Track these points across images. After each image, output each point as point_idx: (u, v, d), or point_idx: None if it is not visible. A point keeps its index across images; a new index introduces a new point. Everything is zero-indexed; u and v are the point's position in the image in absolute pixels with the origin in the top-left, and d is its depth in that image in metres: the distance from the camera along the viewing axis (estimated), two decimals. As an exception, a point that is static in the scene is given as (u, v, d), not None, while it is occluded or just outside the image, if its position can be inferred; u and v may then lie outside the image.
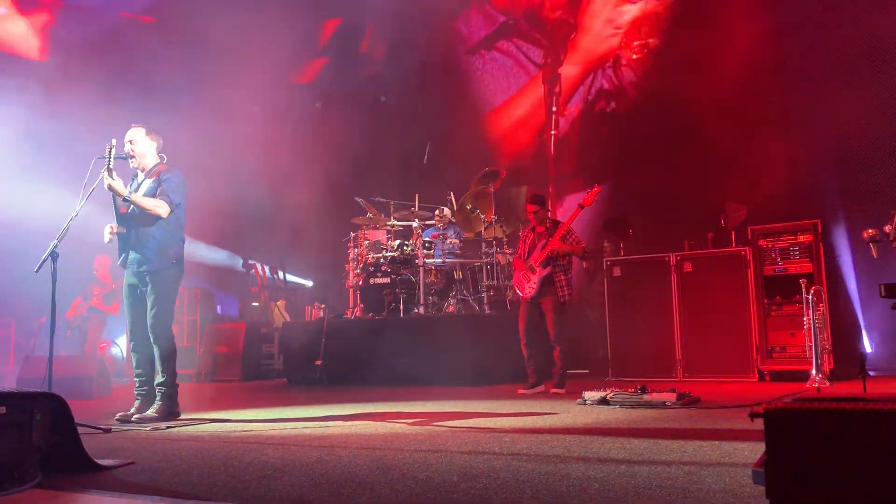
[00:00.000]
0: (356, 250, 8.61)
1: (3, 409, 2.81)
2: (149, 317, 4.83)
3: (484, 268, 7.90)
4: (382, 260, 8.20)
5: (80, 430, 3.21)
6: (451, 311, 7.83)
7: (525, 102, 10.24)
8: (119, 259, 4.95)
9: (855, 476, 1.72)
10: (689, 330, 6.97)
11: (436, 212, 8.44)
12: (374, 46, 11.72)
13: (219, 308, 10.76)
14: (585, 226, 8.48)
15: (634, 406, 4.78)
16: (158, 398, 4.80)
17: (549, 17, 10.08)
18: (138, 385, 4.93)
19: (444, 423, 4.27)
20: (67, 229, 4.49)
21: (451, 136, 10.37)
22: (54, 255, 4.36)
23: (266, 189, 9.72)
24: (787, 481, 1.78)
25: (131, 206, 4.83)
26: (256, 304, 11.23)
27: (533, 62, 10.25)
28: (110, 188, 4.70)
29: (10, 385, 7.14)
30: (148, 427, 4.48)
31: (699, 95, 8.39)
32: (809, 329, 5.63)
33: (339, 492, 2.52)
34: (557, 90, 9.89)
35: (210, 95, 9.71)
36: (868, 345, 7.22)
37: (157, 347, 4.83)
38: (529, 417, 4.53)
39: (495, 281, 7.82)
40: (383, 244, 8.40)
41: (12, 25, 9.81)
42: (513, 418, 4.52)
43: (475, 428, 4.09)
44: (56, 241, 4.39)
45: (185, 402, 5.11)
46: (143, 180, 4.98)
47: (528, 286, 6.31)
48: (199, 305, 9.90)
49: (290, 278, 11.86)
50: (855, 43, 7.56)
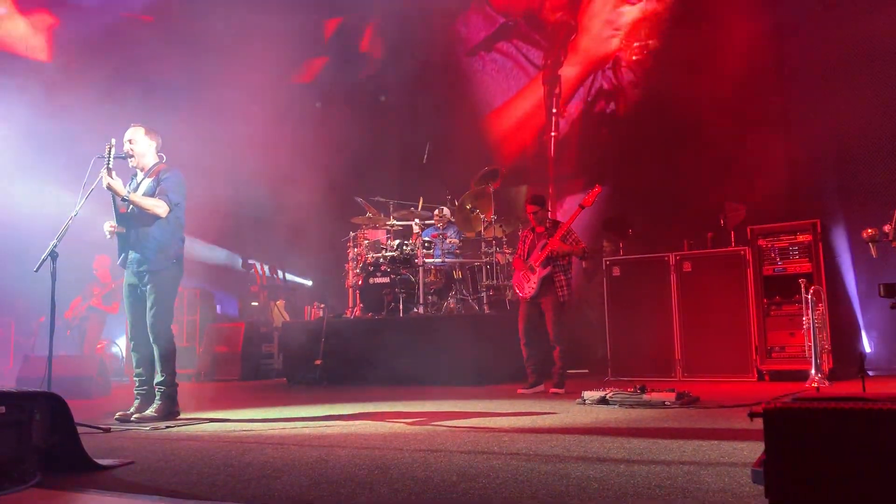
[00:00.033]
0: (356, 250, 8.61)
1: (3, 409, 2.81)
2: (148, 316, 4.84)
3: (483, 267, 7.90)
4: (382, 259, 8.20)
5: (80, 430, 3.21)
6: (451, 311, 7.83)
7: (525, 104, 10.23)
8: (119, 259, 4.95)
9: (854, 475, 1.72)
10: (689, 330, 6.97)
11: (435, 211, 8.44)
12: (374, 46, 11.71)
13: (218, 308, 10.76)
14: (585, 226, 8.48)
15: (634, 406, 4.79)
16: (158, 398, 4.81)
17: (549, 19, 10.08)
18: (138, 385, 4.93)
19: (444, 423, 4.27)
20: (67, 229, 4.49)
21: (451, 137, 10.37)
22: (54, 255, 4.36)
23: (266, 188, 9.72)
24: (787, 481, 1.79)
25: (131, 206, 4.83)
26: (256, 304, 11.23)
27: (532, 63, 10.24)
28: (109, 188, 4.70)
29: (10, 384, 7.12)
30: (147, 427, 4.49)
31: (699, 95, 8.39)
32: (809, 329, 5.64)
33: (339, 491, 2.52)
34: (557, 91, 9.89)
35: (210, 95, 9.71)
36: (867, 344, 7.23)
37: (157, 347, 4.83)
38: (529, 417, 4.54)
39: (495, 281, 7.82)
40: (383, 244, 8.40)
41: (15, 26, 9.80)
42: (512, 418, 4.52)
43: (474, 427, 4.09)
44: (56, 241, 4.39)
45: (185, 402, 5.11)
46: (143, 180, 4.98)
47: (528, 286, 6.31)
48: (199, 305, 9.90)
49: (290, 278, 11.86)
50: (855, 43, 7.56)
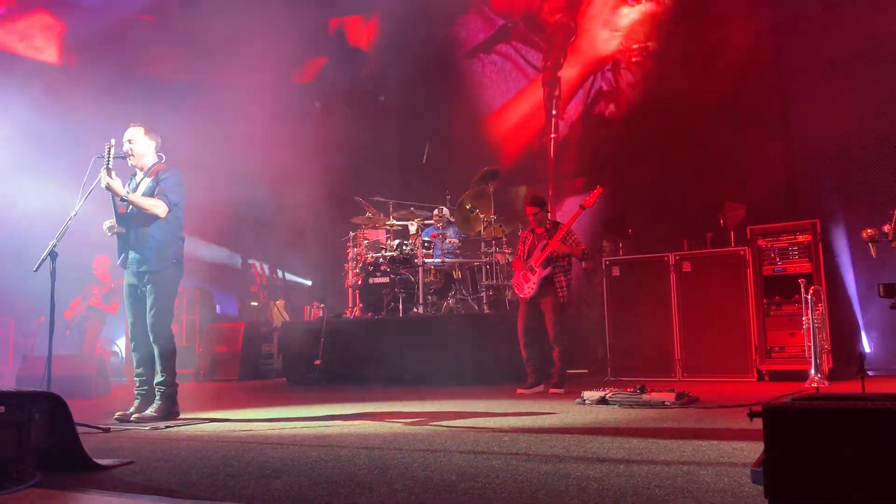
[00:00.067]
0: (355, 250, 8.61)
1: (2, 409, 2.80)
2: (148, 316, 4.83)
3: (483, 267, 7.90)
4: (382, 259, 8.20)
5: (79, 430, 3.21)
6: (451, 311, 7.82)
7: (524, 105, 10.22)
8: (119, 259, 4.95)
9: (854, 475, 1.72)
10: (688, 330, 6.97)
11: (434, 211, 8.44)
12: (374, 47, 11.71)
13: (218, 307, 10.76)
14: (585, 226, 8.48)
15: (633, 406, 4.78)
16: (158, 398, 4.80)
17: (549, 21, 10.07)
18: (138, 385, 4.93)
19: (444, 423, 4.27)
20: (67, 228, 4.48)
21: (451, 138, 10.38)
22: (53, 255, 4.35)
23: (265, 188, 9.72)
24: (786, 481, 1.79)
25: (130, 207, 4.83)
26: (255, 304, 11.23)
27: (532, 65, 10.23)
28: (108, 188, 4.69)
29: (9, 384, 7.13)
30: (147, 427, 4.48)
31: (698, 96, 8.40)
32: (808, 329, 5.64)
33: (339, 491, 2.52)
34: (557, 93, 9.88)
35: (210, 95, 9.71)
36: (867, 344, 7.23)
37: (157, 347, 4.83)
38: (528, 417, 4.54)
39: (494, 281, 7.81)
40: (382, 244, 8.40)
41: (16, 26, 9.79)
42: (512, 418, 4.52)
43: (474, 427, 4.09)
44: (55, 241, 4.38)
45: (184, 402, 5.11)
46: (142, 179, 4.98)
47: (528, 286, 6.31)
48: (199, 305, 9.89)
49: (290, 277, 11.86)
50: (854, 43, 7.56)
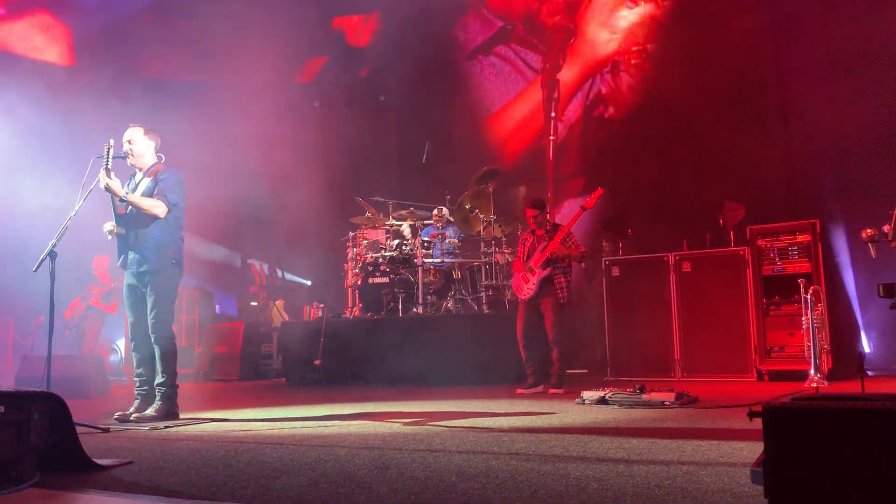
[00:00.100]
0: (355, 250, 8.61)
1: (2, 409, 2.80)
2: (149, 318, 4.83)
3: (483, 267, 7.90)
4: (381, 259, 8.20)
5: (79, 430, 3.21)
6: (449, 311, 7.82)
7: (523, 107, 10.21)
8: (119, 260, 4.94)
9: (853, 475, 1.72)
10: (688, 330, 6.98)
11: (434, 211, 8.43)
12: (374, 47, 11.71)
13: (217, 307, 10.76)
14: (585, 226, 8.49)
15: (633, 406, 4.78)
16: (158, 398, 4.80)
17: (547, 23, 10.05)
18: (138, 385, 4.93)
19: (443, 423, 4.27)
20: (66, 228, 4.48)
21: (451, 138, 10.37)
22: (53, 255, 4.35)
23: (265, 188, 9.72)
24: (786, 481, 1.78)
25: (129, 207, 4.82)
26: (255, 304, 11.23)
27: (531, 67, 10.22)
28: (107, 188, 4.69)
29: (9, 384, 7.13)
30: (146, 427, 4.48)
31: (697, 96, 8.41)
32: (808, 329, 5.64)
33: (338, 491, 2.52)
34: (556, 95, 9.86)
35: (209, 95, 9.71)
36: (866, 344, 7.23)
37: (158, 347, 4.82)
38: (528, 417, 4.54)
39: (494, 281, 7.81)
40: (382, 244, 8.40)
41: (16, 26, 9.78)
42: (511, 418, 4.52)
43: (474, 427, 4.09)
44: (55, 241, 4.38)
45: (184, 402, 5.10)
46: (141, 179, 4.97)
47: (527, 287, 6.32)
48: (198, 305, 9.89)
49: (289, 277, 11.86)
50: (854, 43, 7.57)
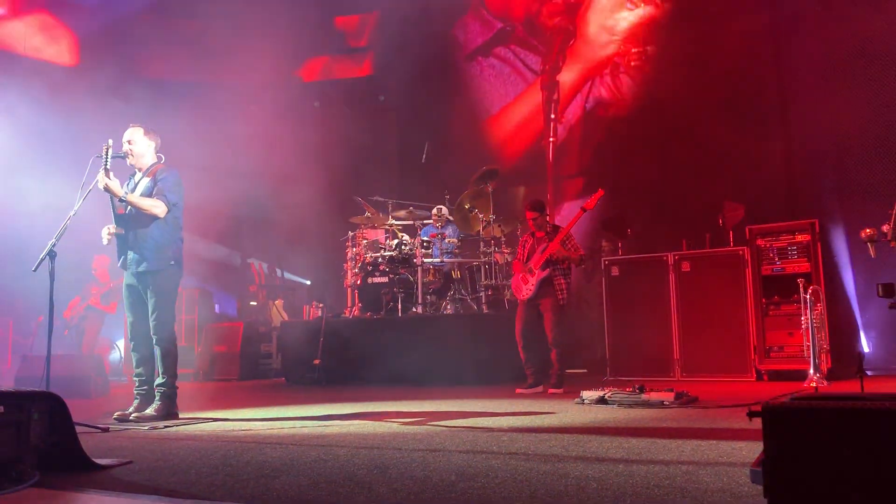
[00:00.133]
0: (354, 249, 8.61)
1: (1, 409, 2.80)
2: (151, 319, 4.82)
3: (482, 267, 7.90)
4: (381, 259, 8.20)
5: (78, 430, 3.21)
6: (448, 311, 7.83)
7: (523, 109, 10.19)
8: (119, 261, 4.94)
9: (853, 475, 1.72)
10: (687, 329, 6.98)
11: (433, 210, 8.43)
12: (374, 47, 11.70)
13: (217, 307, 10.76)
14: (584, 226, 8.49)
15: (632, 405, 4.79)
16: (158, 398, 4.80)
17: (547, 24, 10.04)
18: (138, 385, 4.93)
19: (442, 423, 4.27)
20: (66, 228, 4.48)
21: (450, 138, 10.37)
22: (52, 254, 4.34)
23: (265, 188, 9.72)
24: (785, 480, 1.79)
25: (129, 207, 4.82)
26: (255, 303, 11.23)
27: (530, 69, 10.21)
28: (107, 189, 4.68)
29: (8, 384, 7.12)
30: (146, 426, 4.48)
31: (697, 97, 8.41)
32: (807, 328, 5.64)
33: (338, 491, 2.52)
34: (556, 97, 9.85)
35: (209, 94, 9.70)
36: (866, 344, 7.23)
37: (160, 348, 4.83)
38: (527, 417, 4.54)
39: (493, 280, 7.81)
40: (381, 243, 8.40)
41: (24, 27, 9.77)
42: (511, 418, 4.52)
43: (473, 427, 4.09)
44: (54, 240, 4.37)
45: (183, 402, 5.10)
46: (140, 179, 4.97)
47: (526, 288, 6.33)
48: (198, 305, 9.89)
49: (289, 277, 11.85)
50: (853, 43, 7.57)
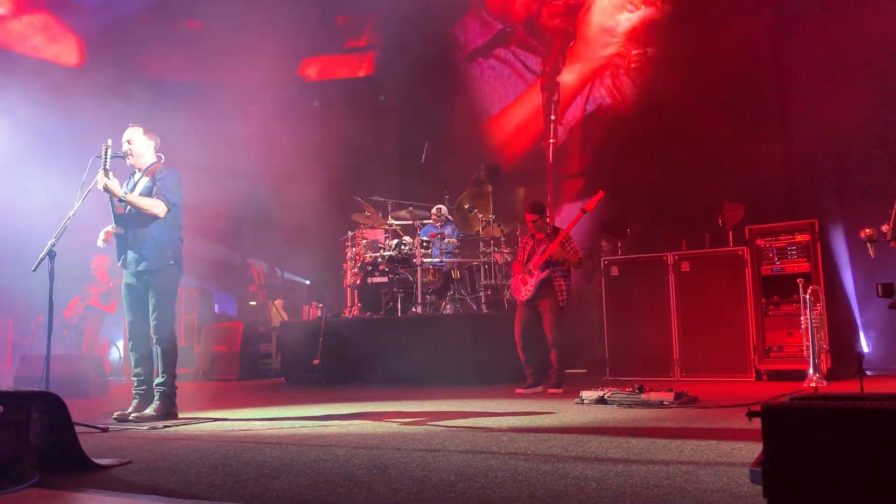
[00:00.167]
0: (354, 249, 8.61)
1: (1, 409, 2.80)
2: (151, 319, 4.82)
3: (482, 267, 7.90)
4: (380, 259, 8.20)
5: (78, 430, 3.21)
6: (449, 311, 7.83)
7: (523, 110, 10.18)
8: (119, 260, 4.94)
9: (852, 475, 1.72)
10: (687, 329, 6.98)
11: (433, 210, 8.43)
12: (374, 47, 11.70)
13: (216, 307, 10.76)
14: (584, 226, 8.48)
15: (632, 405, 4.79)
16: (157, 398, 4.80)
17: (547, 25, 10.03)
18: (136, 384, 4.92)
19: (442, 423, 4.27)
20: (65, 228, 4.47)
21: (450, 139, 10.36)
22: (52, 254, 4.34)
23: (265, 188, 9.72)
24: (785, 480, 1.79)
25: (128, 207, 4.81)
26: (254, 303, 11.22)
27: (530, 70, 10.20)
28: (106, 189, 4.68)
29: (8, 384, 7.12)
30: (145, 426, 4.48)
31: (697, 98, 8.41)
32: (807, 329, 5.64)
33: (337, 491, 2.52)
34: (556, 98, 9.84)
35: (209, 94, 9.70)
36: (865, 344, 7.23)
37: (160, 348, 4.83)
38: (527, 417, 4.54)
39: (493, 280, 7.81)
40: (381, 243, 8.40)
41: (25, 27, 9.75)
42: (510, 418, 4.52)
43: (473, 427, 4.09)
44: (54, 240, 4.37)
45: (183, 402, 5.10)
46: (140, 178, 4.97)
47: (525, 289, 6.33)
48: (197, 304, 9.89)
49: (288, 277, 11.85)
50: (853, 44, 7.57)
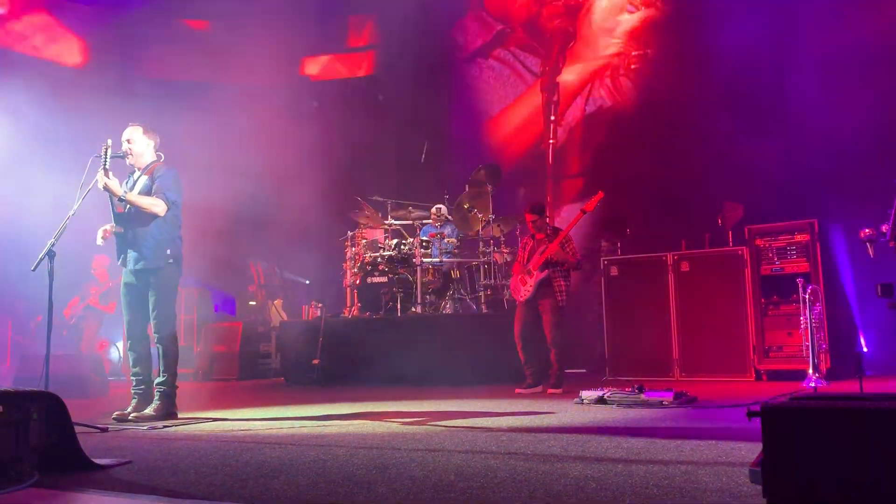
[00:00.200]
0: (354, 249, 8.60)
1: (1, 409, 2.80)
2: (152, 318, 4.83)
3: (481, 267, 7.90)
4: (380, 259, 8.20)
5: (78, 430, 3.21)
6: (448, 311, 7.83)
7: (523, 111, 10.16)
8: (118, 259, 4.94)
9: (851, 475, 1.73)
10: (687, 329, 6.98)
11: (432, 209, 8.43)
12: (374, 47, 11.69)
13: (216, 307, 10.74)
14: (584, 226, 8.47)
15: (632, 405, 4.79)
16: (157, 397, 4.80)
17: (547, 26, 10.02)
18: (135, 384, 4.92)
19: (442, 423, 4.27)
20: (65, 228, 4.47)
21: (450, 139, 10.36)
22: (51, 254, 4.34)
23: (265, 187, 9.71)
24: (784, 480, 1.79)
25: (128, 206, 4.82)
26: (254, 303, 11.21)
27: (530, 71, 10.18)
28: (106, 188, 4.69)
29: (7, 384, 7.12)
30: (145, 426, 4.48)
31: (696, 98, 8.40)
32: (806, 328, 5.64)
33: (337, 491, 2.52)
34: (556, 99, 9.82)
35: (209, 94, 9.69)
36: (865, 344, 7.23)
37: (161, 347, 4.83)
38: (527, 417, 4.54)
39: (492, 280, 7.81)
40: (381, 243, 8.39)
41: (25, 27, 9.75)
42: (510, 417, 4.52)
43: (472, 427, 4.09)
44: (53, 240, 4.38)
45: (182, 402, 5.10)
46: (139, 177, 4.97)
47: (524, 289, 6.33)
48: (197, 304, 9.88)
49: (288, 276, 11.83)
50: (852, 43, 7.57)
